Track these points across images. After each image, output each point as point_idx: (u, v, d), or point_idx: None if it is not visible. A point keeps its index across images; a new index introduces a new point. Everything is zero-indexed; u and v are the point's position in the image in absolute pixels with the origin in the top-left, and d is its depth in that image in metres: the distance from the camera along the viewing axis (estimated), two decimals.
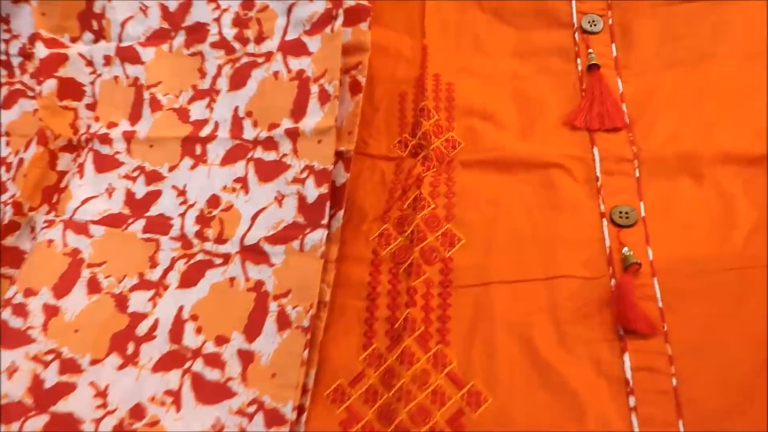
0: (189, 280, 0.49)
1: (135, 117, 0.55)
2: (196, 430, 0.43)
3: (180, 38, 0.56)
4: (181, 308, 0.48)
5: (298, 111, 0.50)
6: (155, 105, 0.55)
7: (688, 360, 0.41)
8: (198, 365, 0.45)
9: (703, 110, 0.51)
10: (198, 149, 0.53)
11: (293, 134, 0.49)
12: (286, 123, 0.50)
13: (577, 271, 0.45)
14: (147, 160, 0.54)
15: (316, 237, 0.46)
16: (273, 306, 0.46)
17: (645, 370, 0.41)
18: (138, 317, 0.48)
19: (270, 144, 0.50)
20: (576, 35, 0.55)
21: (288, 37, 0.52)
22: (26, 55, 0.63)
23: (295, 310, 0.45)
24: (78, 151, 0.56)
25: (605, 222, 0.47)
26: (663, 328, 0.42)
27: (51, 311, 0.49)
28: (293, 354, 0.44)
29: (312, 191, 0.47)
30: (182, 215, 0.51)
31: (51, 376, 0.47)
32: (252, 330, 0.46)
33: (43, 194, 0.54)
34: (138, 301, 0.49)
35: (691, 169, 0.48)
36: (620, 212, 0.47)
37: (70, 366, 0.47)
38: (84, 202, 0.53)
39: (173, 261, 0.50)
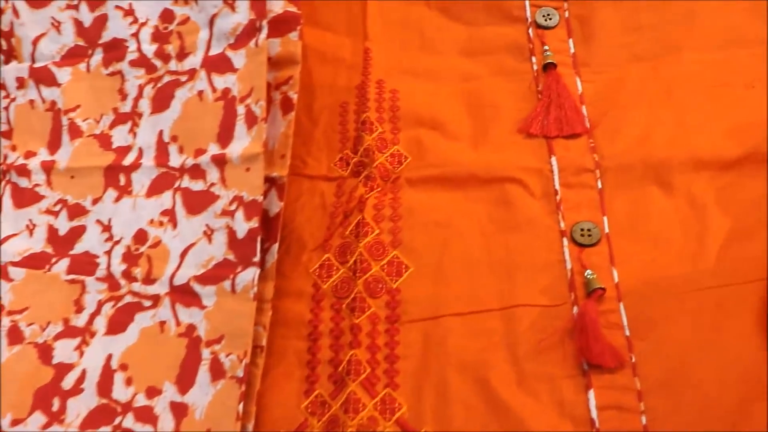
0: (117, 325, 0.45)
1: (54, 145, 0.51)
2: None
3: (97, 56, 0.51)
4: (109, 357, 0.44)
5: (225, 135, 0.45)
6: (74, 131, 0.50)
7: (659, 395, 0.38)
8: (128, 421, 0.42)
9: (672, 109, 0.47)
10: (122, 179, 0.48)
11: (220, 162, 0.45)
12: (213, 148, 0.46)
13: (536, 299, 0.42)
14: (69, 192, 0.49)
15: (248, 277, 0.42)
16: (206, 353, 0.42)
17: (612, 408, 0.38)
18: (64, 368, 0.44)
19: (197, 172, 0.46)
20: (530, 31, 0.51)
21: (212, 52, 0.48)
22: None
23: (229, 358, 0.41)
24: None
25: (566, 241, 0.43)
26: (630, 359, 0.39)
27: None
28: (228, 407, 0.40)
29: (242, 225, 0.43)
30: (108, 253, 0.47)
31: None
32: (185, 380, 0.42)
33: None
34: (63, 351, 0.45)
35: (659, 177, 0.44)
36: (582, 229, 0.43)
37: None
38: (2, 241, 0.49)
39: (100, 304, 0.46)
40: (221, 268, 0.43)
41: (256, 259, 0.42)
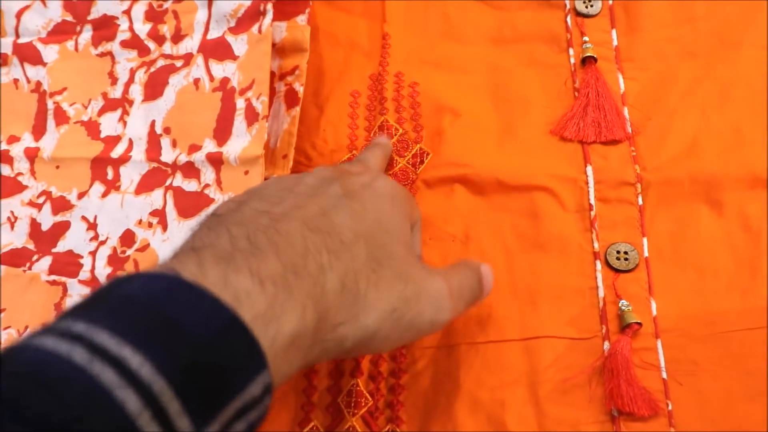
0: None
1: (39, 130, 0.46)
2: None
3: (86, 34, 0.46)
4: None
5: (222, 131, 0.41)
6: (60, 117, 0.46)
7: None
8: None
9: (726, 115, 0.41)
10: (110, 173, 0.44)
11: (216, 161, 0.40)
12: (209, 145, 0.41)
13: (562, 331, 0.37)
14: (53, 184, 0.45)
15: None
16: None
17: None
18: None
19: (191, 171, 0.41)
20: (568, 19, 0.45)
21: (210, 35, 0.43)
22: None
23: None
24: None
25: (599, 265, 0.38)
26: (667, 406, 0.34)
27: None
28: None
29: None
30: (93, 253, 0.43)
31: None
32: None
33: None
34: None
35: (709, 194, 0.39)
36: (618, 252, 0.38)
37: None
38: None
39: None
40: None
41: None
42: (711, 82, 0.42)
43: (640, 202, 0.39)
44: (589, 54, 0.43)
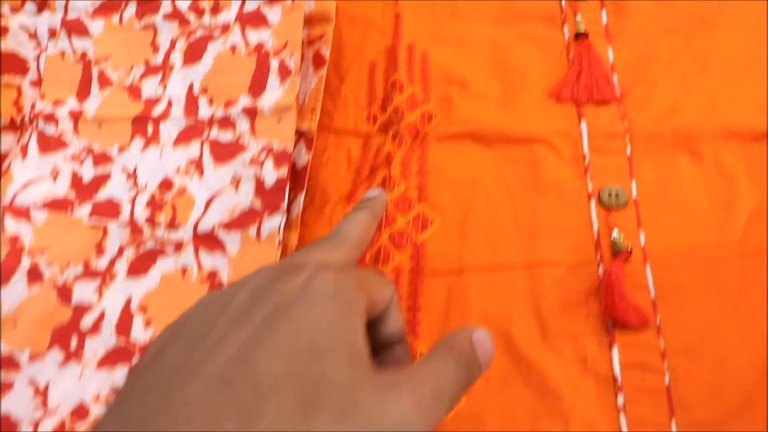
0: (138, 269, 0.45)
1: (83, 94, 0.51)
2: None
3: (131, 9, 0.51)
4: (129, 300, 0.44)
5: (257, 87, 0.45)
6: (104, 81, 0.50)
7: (683, 358, 0.37)
8: None
9: (704, 82, 0.46)
10: (150, 129, 0.48)
11: (251, 113, 0.45)
12: (244, 100, 0.46)
13: (561, 258, 0.41)
14: (95, 140, 0.49)
15: (274, 224, 0.42)
16: None
17: (635, 366, 0.38)
18: (82, 309, 0.44)
19: (226, 123, 0.46)
20: (563, 2, 0.51)
21: (246, 8, 0.48)
22: None
23: None
24: (21, 131, 0.51)
25: (593, 203, 0.43)
26: (655, 321, 0.38)
27: None
28: None
29: (270, 174, 0.43)
30: (132, 200, 0.47)
31: None
32: None
33: None
34: (83, 292, 0.45)
35: (689, 146, 0.44)
36: (609, 193, 0.43)
37: (7, 362, 0.43)
38: (26, 185, 0.49)
39: (121, 249, 0.46)
40: (247, 216, 0.43)
41: (284, 206, 0.42)
42: (689, 56, 0.47)
43: (629, 152, 0.44)
44: (581, 30, 0.49)
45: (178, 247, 0.44)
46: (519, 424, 0.37)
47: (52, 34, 0.53)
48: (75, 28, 0.52)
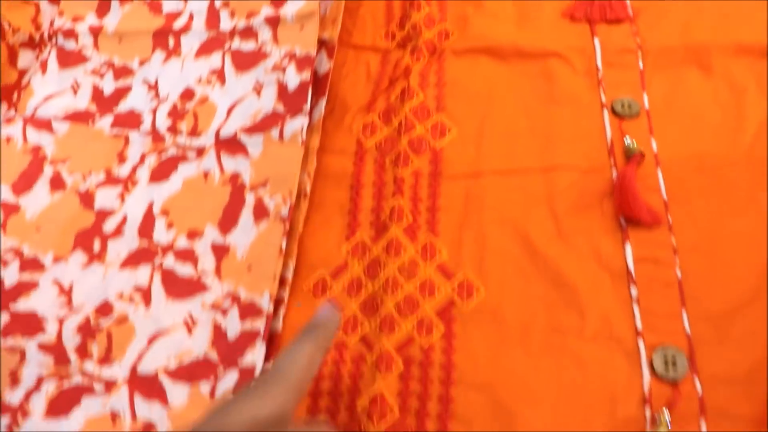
0: (160, 174, 0.45)
1: (102, 10, 0.52)
2: (166, 325, 0.40)
3: None
4: (151, 204, 0.45)
5: None
6: None
7: (693, 254, 0.39)
8: (169, 260, 0.42)
9: (715, 4, 0.47)
10: (171, 41, 0.49)
11: (273, 22, 0.46)
12: (266, 10, 0.47)
13: (576, 162, 0.43)
14: (115, 54, 0.50)
15: (297, 125, 0.43)
16: (249, 197, 0.43)
17: (648, 261, 0.39)
18: (105, 214, 0.45)
19: (248, 33, 0.47)
20: None
21: None
22: None
23: (273, 200, 0.42)
24: (40, 47, 0.52)
25: (606, 113, 0.44)
26: (668, 220, 0.40)
27: (10, 209, 0.46)
28: (271, 245, 0.41)
29: (293, 78, 0.44)
30: (153, 111, 0.48)
31: (11, 275, 0.43)
32: (227, 222, 0.42)
33: (2, 92, 0.50)
34: (105, 198, 0.45)
35: (700, 60, 0.45)
36: (622, 103, 0.44)
37: (31, 264, 0.44)
38: (47, 98, 0.50)
39: (143, 156, 0.46)
40: (270, 119, 0.44)
41: (306, 108, 0.43)
42: None
43: (641, 66, 0.46)
44: None
45: (200, 152, 0.45)
46: (537, 317, 0.38)
47: None
48: None
